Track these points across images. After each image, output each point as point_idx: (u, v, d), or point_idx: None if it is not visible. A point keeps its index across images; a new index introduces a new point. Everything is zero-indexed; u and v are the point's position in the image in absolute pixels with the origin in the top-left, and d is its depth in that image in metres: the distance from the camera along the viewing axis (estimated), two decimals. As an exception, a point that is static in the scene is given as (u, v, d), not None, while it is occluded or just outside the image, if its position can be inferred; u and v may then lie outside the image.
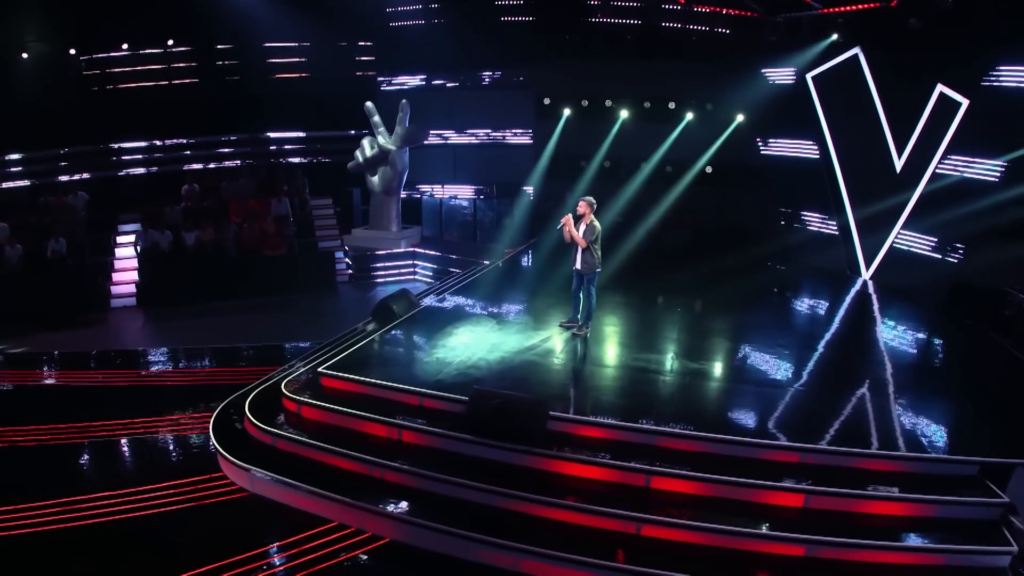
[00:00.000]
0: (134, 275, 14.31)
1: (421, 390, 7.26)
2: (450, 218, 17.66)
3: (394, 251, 16.43)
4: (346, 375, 7.72)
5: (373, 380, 7.53)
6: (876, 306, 11.59)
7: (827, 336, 10.18)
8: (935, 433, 6.75)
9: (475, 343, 8.72)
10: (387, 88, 17.60)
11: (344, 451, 6.76)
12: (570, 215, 8.90)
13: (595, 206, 8.89)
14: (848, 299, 12.05)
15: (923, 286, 11.11)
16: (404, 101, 15.66)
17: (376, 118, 15.79)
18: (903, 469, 6.33)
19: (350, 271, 16.33)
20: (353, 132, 16.97)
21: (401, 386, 7.39)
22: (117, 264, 14.64)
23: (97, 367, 10.76)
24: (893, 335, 10.06)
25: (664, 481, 6.13)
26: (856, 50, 12.48)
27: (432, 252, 16.44)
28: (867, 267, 12.72)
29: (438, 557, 5.84)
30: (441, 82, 17.43)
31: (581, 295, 9.20)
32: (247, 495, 6.80)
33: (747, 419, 6.98)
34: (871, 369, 8.65)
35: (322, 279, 15.47)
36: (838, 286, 12.57)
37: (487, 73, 17.19)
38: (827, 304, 11.91)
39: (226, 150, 17.37)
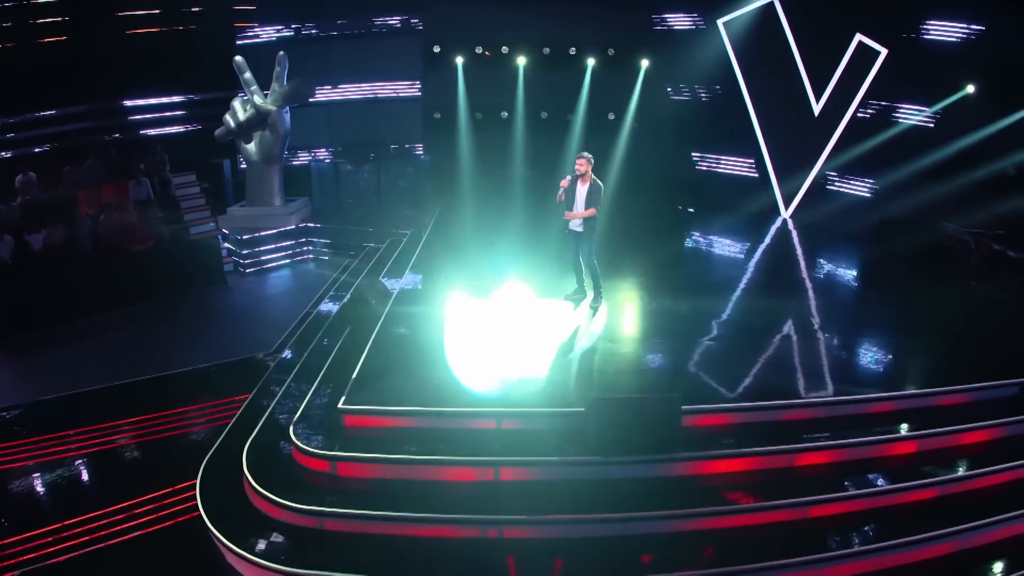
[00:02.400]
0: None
1: (498, 410, 6.38)
2: (336, 184, 15.88)
3: (283, 229, 14.48)
4: (387, 408, 6.42)
5: (427, 408, 6.38)
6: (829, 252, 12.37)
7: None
8: (973, 364, 7.44)
9: (491, 336, 7.88)
10: (247, 41, 15.09)
11: (438, 516, 5.49)
12: (568, 177, 8.33)
13: (593, 162, 8.30)
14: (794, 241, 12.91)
15: (847, 223, 12.22)
16: (282, 53, 13.69)
17: (248, 75, 13.59)
18: (970, 399, 6.97)
19: (234, 258, 14.16)
20: (219, 94, 14.37)
21: (467, 409, 6.40)
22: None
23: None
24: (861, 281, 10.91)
25: (806, 457, 6.18)
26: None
27: (330, 226, 14.73)
28: (786, 207, 13.76)
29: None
30: (315, 31, 15.32)
31: (581, 262, 8.74)
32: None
33: (826, 375, 7.29)
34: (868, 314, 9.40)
35: (207, 272, 13.25)
36: (764, 225, 13.45)
37: (370, 20, 15.43)
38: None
39: (65, 128, 13.79)
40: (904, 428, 6.59)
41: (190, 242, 13.42)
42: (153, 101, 14.59)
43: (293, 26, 15.18)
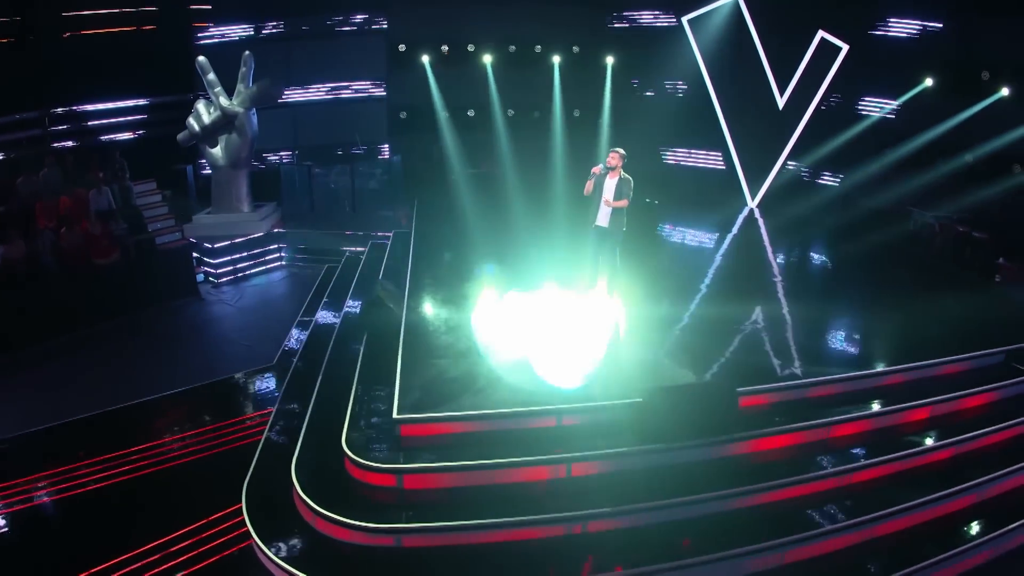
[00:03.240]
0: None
1: (558, 407, 6.59)
2: (304, 188, 15.59)
3: (255, 236, 14.11)
4: (446, 415, 6.45)
5: (487, 412, 6.47)
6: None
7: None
8: (958, 337, 8.25)
9: (522, 333, 8.04)
10: (206, 41, 14.61)
11: (525, 519, 5.63)
12: (599, 166, 8.61)
13: (626, 158, 8.62)
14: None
15: (818, 212, 13.05)
16: (247, 53, 13.40)
17: (212, 75, 13.22)
18: (966, 367, 7.79)
19: (204, 268, 13.73)
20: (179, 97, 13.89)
21: (527, 409, 6.53)
22: None
23: None
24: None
25: (840, 428, 6.79)
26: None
27: (305, 231, 14.47)
28: (752, 197, 14.56)
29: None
30: (276, 30, 15.00)
31: (601, 258, 9.03)
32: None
33: (837, 351, 8.12)
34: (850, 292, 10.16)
35: (179, 284, 12.80)
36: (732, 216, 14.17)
37: (333, 18, 15.24)
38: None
39: (16, 136, 12.92)
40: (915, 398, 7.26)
41: (158, 253, 12.93)
42: (109, 105, 13.89)
43: (254, 26, 14.79)
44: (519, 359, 7.42)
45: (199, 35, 14.53)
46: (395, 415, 6.39)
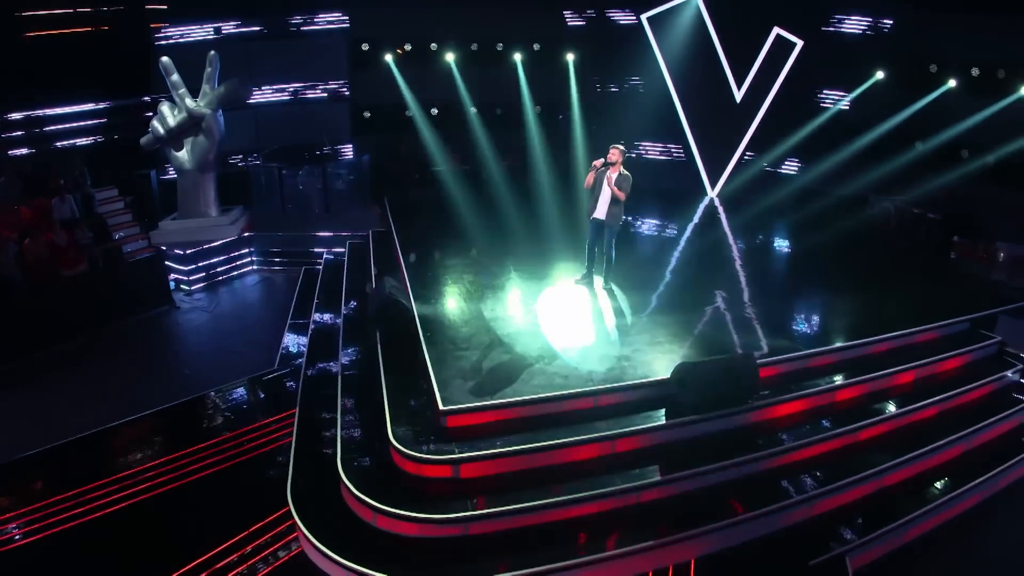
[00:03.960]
0: None
1: (594, 388, 7.02)
2: (274, 190, 15.36)
3: (226, 240, 13.88)
4: (490, 403, 6.73)
5: (528, 398, 6.80)
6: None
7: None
8: (927, 309, 9.19)
9: (533, 322, 8.57)
10: (165, 42, 14.22)
11: (589, 494, 6.07)
12: (601, 160, 9.11)
13: (627, 154, 9.21)
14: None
15: (780, 200, 13.96)
16: (213, 53, 13.20)
17: (176, 76, 12.96)
18: (938, 335, 8.77)
19: (175, 276, 13.42)
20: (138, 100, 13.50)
21: (566, 392, 6.92)
22: None
23: None
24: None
25: (842, 393, 7.57)
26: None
27: (278, 234, 14.31)
28: (712, 186, 15.41)
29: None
30: (237, 29, 14.75)
31: (596, 248, 9.56)
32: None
33: (822, 326, 8.93)
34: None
35: (152, 293, 12.50)
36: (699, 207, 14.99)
37: (294, 18, 15.13)
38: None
39: None
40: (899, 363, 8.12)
41: (128, 262, 12.57)
42: (66, 110, 13.31)
43: (214, 26, 14.50)
44: (543, 347, 7.85)
45: (156, 35, 14.12)
46: (440, 407, 6.64)
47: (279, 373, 9.74)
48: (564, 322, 8.76)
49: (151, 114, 14.31)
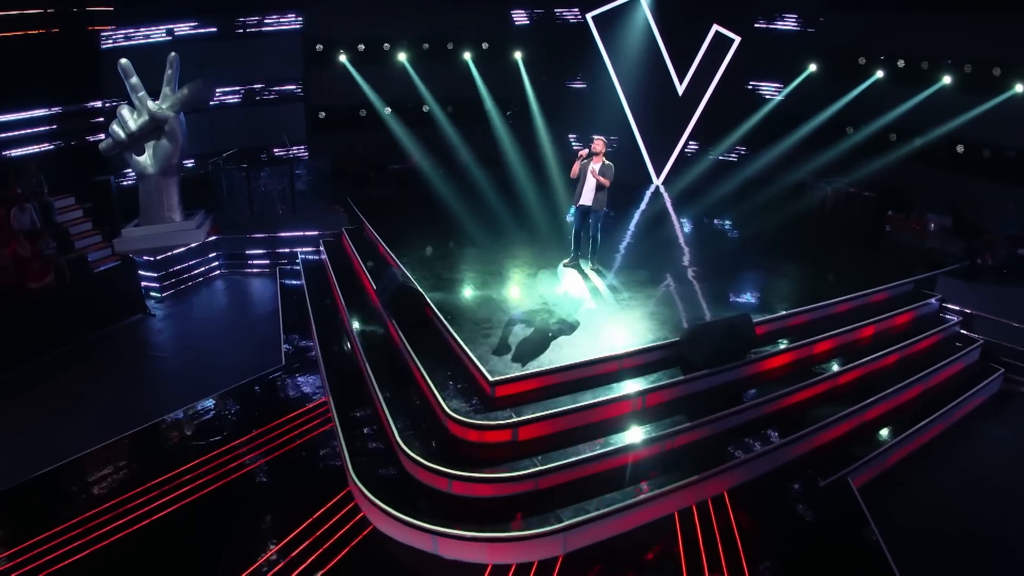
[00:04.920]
0: None
1: (619, 353, 7.93)
2: (238, 192, 15.20)
3: (193, 245, 13.75)
4: (533, 371, 7.48)
5: (565, 364, 7.62)
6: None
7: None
8: (873, 275, 10.64)
9: (541, 302, 9.39)
10: (111, 45, 13.91)
11: (621, 446, 6.99)
12: (586, 150, 9.98)
13: (610, 145, 10.18)
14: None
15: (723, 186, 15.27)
16: (173, 55, 13.12)
17: (135, 79, 12.82)
18: (888, 295, 10.21)
19: (143, 283, 13.21)
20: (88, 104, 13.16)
21: (595, 358, 7.79)
22: None
23: None
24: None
25: (818, 346, 8.88)
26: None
27: (245, 236, 14.27)
28: (657, 175, 16.65)
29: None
30: (188, 31, 14.61)
31: (582, 233, 10.45)
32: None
33: (783, 292, 10.04)
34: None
35: (124, 301, 12.32)
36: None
37: (247, 19, 15.15)
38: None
39: None
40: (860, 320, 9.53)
41: (95, 272, 12.33)
42: (15, 116, 12.77)
43: (165, 28, 14.31)
44: (560, 321, 8.72)
45: (103, 37, 13.79)
46: (490, 378, 7.35)
47: (289, 368, 9.99)
48: (570, 299, 9.61)
49: (101, 119, 14.07)
